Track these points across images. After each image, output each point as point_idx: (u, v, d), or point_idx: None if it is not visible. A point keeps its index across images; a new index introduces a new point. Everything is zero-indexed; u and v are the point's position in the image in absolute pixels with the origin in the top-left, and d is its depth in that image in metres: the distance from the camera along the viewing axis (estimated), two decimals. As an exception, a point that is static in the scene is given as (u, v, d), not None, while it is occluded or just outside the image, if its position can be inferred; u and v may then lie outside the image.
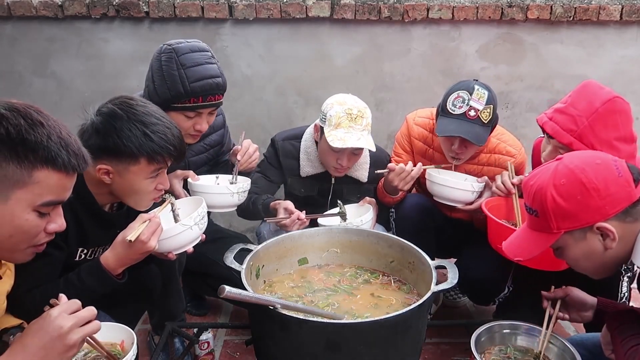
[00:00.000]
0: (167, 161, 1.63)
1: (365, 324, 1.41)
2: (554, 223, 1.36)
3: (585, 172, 1.32)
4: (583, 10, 3.07)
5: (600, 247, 1.34)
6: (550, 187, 1.35)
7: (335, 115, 2.14)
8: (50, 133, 1.14)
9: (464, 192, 2.12)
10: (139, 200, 1.66)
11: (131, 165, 1.57)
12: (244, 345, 1.76)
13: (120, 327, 1.49)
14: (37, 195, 1.14)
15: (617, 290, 1.86)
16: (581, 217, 1.33)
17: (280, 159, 2.40)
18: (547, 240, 1.40)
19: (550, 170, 1.39)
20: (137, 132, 1.54)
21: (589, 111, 1.74)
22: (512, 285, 2.19)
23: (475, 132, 2.07)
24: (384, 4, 3.05)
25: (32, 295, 1.52)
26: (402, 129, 2.45)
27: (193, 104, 1.96)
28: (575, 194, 1.32)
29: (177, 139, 1.63)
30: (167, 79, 1.93)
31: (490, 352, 1.67)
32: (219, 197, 2.04)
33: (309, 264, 1.96)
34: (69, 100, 3.16)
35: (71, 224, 1.60)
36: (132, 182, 1.60)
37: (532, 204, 1.41)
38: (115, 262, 1.56)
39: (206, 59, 1.99)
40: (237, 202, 2.10)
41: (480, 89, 2.09)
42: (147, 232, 1.53)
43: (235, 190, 2.04)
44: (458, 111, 2.08)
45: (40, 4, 3.01)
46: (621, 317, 1.43)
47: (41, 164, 1.12)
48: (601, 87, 1.82)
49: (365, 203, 2.26)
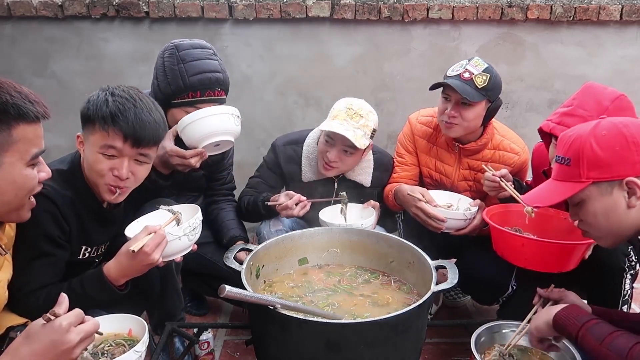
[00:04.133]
0: (113, 134, 1.52)
1: (365, 324, 1.41)
2: (584, 171, 1.36)
3: (628, 127, 1.34)
4: (583, 10, 3.08)
5: (624, 205, 1.34)
6: (590, 137, 1.37)
7: (336, 108, 2.21)
8: (9, 90, 1.19)
9: (456, 221, 2.11)
10: (98, 183, 1.59)
11: (90, 132, 1.56)
12: (244, 345, 1.76)
13: (125, 317, 1.49)
14: (24, 151, 1.21)
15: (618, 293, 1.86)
16: (614, 169, 1.33)
17: (282, 164, 2.37)
18: (572, 189, 1.39)
19: (593, 124, 1.40)
20: (102, 97, 1.56)
21: (599, 110, 1.75)
22: (515, 284, 2.19)
23: (465, 89, 2.07)
24: (384, 4, 3.05)
25: (36, 297, 1.52)
26: (405, 130, 2.45)
27: (192, 99, 1.96)
28: (614, 145, 1.33)
29: (140, 121, 1.54)
30: (168, 74, 1.95)
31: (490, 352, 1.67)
32: (216, 120, 1.91)
33: (309, 264, 1.96)
34: (69, 100, 3.15)
35: (74, 222, 1.61)
36: (89, 154, 1.57)
37: (567, 152, 1.41)
38: (117, 273, 1.54)
39: (207, 55, 2.00)
40: (236, 128, 1.98)
41: (480, 60, 2.14)
42: (152, 244, 1.50)
43: (231, 112, 1.93)
44: (454, 73, 2.13)
45: (40, 4, 3.01)
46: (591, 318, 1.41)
47: (15, 121, 1.18)
48: (605, 87, 1.84)
49: (369, 206, 2.26)
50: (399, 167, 2.44)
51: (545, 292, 1.68)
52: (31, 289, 1.52)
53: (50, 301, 1.50)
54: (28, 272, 1.51)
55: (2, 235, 1.40)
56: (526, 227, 1.99)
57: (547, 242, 1.77)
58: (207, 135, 1.91)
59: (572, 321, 1.38)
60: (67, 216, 1.58)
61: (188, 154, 1.92)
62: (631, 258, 1.84)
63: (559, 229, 1.94)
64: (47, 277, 1.56)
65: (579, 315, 1.39)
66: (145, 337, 1.39)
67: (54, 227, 1.55)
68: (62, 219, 1.57)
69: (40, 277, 1.54)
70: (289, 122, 3.27)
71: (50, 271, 1.57)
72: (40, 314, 1.13)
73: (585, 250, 1.78)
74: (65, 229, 1.58)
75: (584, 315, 1.39)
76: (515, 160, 2.27)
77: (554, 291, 1.67)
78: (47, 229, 1.53)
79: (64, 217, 1.57)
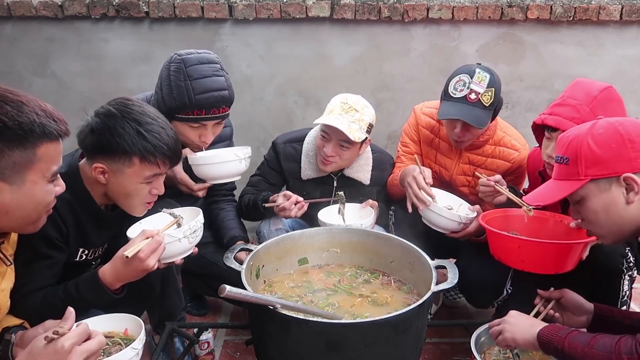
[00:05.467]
0: (160, 163, 1.59)
1: (365, 324, 1.41)
2: (582, 169, 1.39)
3: (624, 125, 1.37)
4: (583, 10, 3.08)
5: (622, 200, 1.36)
6: (587, 136, 1.40)
7: (332, 103, 2.23)
8: (34, 109, 1.19)
9: (449, 222, 2.07)
10: (133, 204, 1.64)
11: (126, 166, 1.55)
12: (244, 345, 1.76)
13: (121, 316, 1.48)
14: (46, 169, 1.23)
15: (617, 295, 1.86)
16: (611, 165, 1.36)
17: (282, 161, 2.39)
18: (572, 187, 1.42)
19: (589, 124, 1.44)
20: (131, 130, 1.53)
21: (589, 99, 1.81)
22: (511, 288, 2.19)
23: (475, 115, 2.08)
24: (384, 4, 3.05)
25: (33, 298, 1.52)
26: (410, 119, 2.47)
27: (197, 116, 1.96)
28: (610, 142, 1.36)
29: (172, 140, 1.61)
30: (174, 89, 1.93)
31: (490, 352, 1.67)
32: (226, 166, 2.06)
33: (309, 264, 1.96)
34: (69, 100, 3.15)
35: (71, 224, 1.60)
36: (126, 184, 1.58)
37: (565, 152, 1.45)
38: (112, 277, 1.53)
39: (214, 71, 1.98)
40: (244, 169, 2.12)
41: (482, 73, 2.11)
42: (147, 250, 1.48)
43: (242, 156, 2.06)
44: (459, 94, 2.10)
45: (40, 4, 3.01)
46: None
47: (40, 140, 1.19)
48: (593, 81, 1.90)
49: (367, 206, 2.26)
50: (404, 156, 2.46)
51: (545, 292, 1.69)
52: (28, 290, 1.52)
53: (47, 304, 1.51)
54: (26, 274, 1.51)
55: (7, 246, 1.40)
56: (523, 231, 1.98)
57: (543, 242, 1.78)
58: (217, 177, 2.07)
59: (555, 336, 1.41)
60: (65, 218, 1.58)
61: (196, 187, 2.11)
62: (629, 259, 1.84)
63: (555, 232, 1.95)
64: (44, 279, 1.55)
65: (561, 330, 1.43)
66: (142, 335, 1.38)
67: (52, 230, 1.54)
68: (60, 222, 1.56)
69: (38, 278, 1.54)
70: (288, 122, 3.27)
71: (48, 273, 1.57)
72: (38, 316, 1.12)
73: (582, 250, 1.79)
74: (63, 231, 1.58)
75: (565, 328, 1.43)
76: (515, 157, 2.28)
77: (553, 291, 1.68)
78: (46, 231, 1.51)
79: (62, 219, 1.57)
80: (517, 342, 1.49)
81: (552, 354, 1.44)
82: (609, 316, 1.60)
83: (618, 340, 1.30)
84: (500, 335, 1.53)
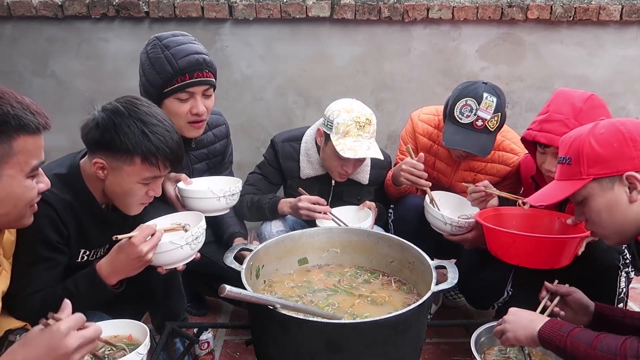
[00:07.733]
0: (161, 166, 1.58)
1: (365, 324, 1.41)
2: (585, 168, 1.40)
3: (626, 125, 1.39)
4: (583, 10, 3.08)
5: (625, 199, 1.36)
6: (589, 136, 1.41)
7: (344, 124, 2.12)
8: (10, 101, 1.16)
9: (442, 224, 2.08)
10: (128, 203, 1.63)
11: (126, 164, 1.55)
12: (244, 345, 1.76)
13: (127, 322, 1.48)
14: (24, 163, 1.20)
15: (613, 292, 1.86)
16: (613, 164, 1.36)
17: (280, 160, 2.39)
18: (574, 186, 1.42)
19: (591, 125, 1.45)
20: (136, 129, 1.53)
21: (574, 111, 1.85)
22: (512, 289, 2.19)
23: (481, 144, 2.09)
24: (384, 4, 3.05)
25: (33, 299, 1.51)
26: (407, 127, 2.46)
27: (182, 83, 1.94)
28: (612, 141, 1.37)
29: (176, 144, 1.61)
30: (155, 64, 1.93)
31: (490, 352, 1.67)
32: (205, 202, 1.95)
33: (309, 264, 1.96)
34: (69, 100, 3.16)
35: (72, 225, 1.60)
36: (124, 183, 1.58)
37: (567, 152, 1.46)
38: (108, 269, 1.53)
39: (189, 40, 2.00)
40: (226, 206, 2.01)
41: (489, 98, 2.07)
42: (140, 236, 1.48)
43: (221, 195, 1.95)
44: (465, 120, 2.09)
45: (40, 4, 3.01)
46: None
47: (16, 133, 1.17)
48: (574, 90, 1.94)
49: (365, 207, 2.26)
50: None
51: (554, 286, 1.66)
52: (28, 292, 1.51)
53: (46, 304, 1.50)
54: (26, 276, 1.51)
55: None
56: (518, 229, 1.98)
57: (538, 236, 1.79)
58: (204, 211, 1.91)
59: (556, 333, 1.39)
60: (66, 220, 1.57)
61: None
62: (625, 256, 1.85)
63: (551, 228, 1.97)
64: (45, 281, 1.55)
65: (562, 327, 1.41)
66: (147, 340, 1.39)
67: (53, 232, 1.53)
68: (61, 224, 1.55)
69: (39, 281, 1.53)
70: (288, 122, 3.27)
71: (49, 275, 1.56)
72: (37, 317, 1.12)
73: (577, 245, 1.79)
74: (64, 233, 1.57)
75: (566, 325, 1.42)
76: (514, 161, 2.27)
77: (560, 285, 1.66)
78: (46, 234, 1.52)
79: (63, 221, 1.56)
80: (520, 340, 1.47)
81: (554, 352, 1.43)
82: (610, 315, 1.60)
83: (623, 342, 1.28)
84: (504, 335, 1.51)
